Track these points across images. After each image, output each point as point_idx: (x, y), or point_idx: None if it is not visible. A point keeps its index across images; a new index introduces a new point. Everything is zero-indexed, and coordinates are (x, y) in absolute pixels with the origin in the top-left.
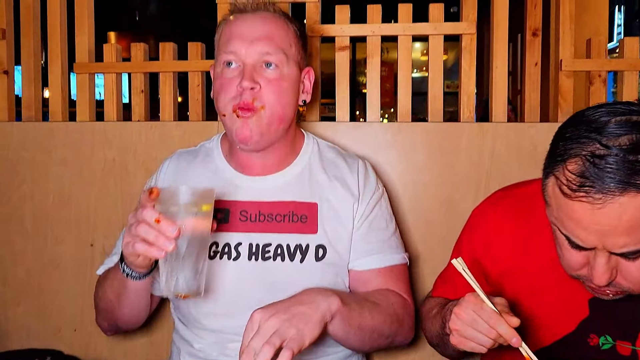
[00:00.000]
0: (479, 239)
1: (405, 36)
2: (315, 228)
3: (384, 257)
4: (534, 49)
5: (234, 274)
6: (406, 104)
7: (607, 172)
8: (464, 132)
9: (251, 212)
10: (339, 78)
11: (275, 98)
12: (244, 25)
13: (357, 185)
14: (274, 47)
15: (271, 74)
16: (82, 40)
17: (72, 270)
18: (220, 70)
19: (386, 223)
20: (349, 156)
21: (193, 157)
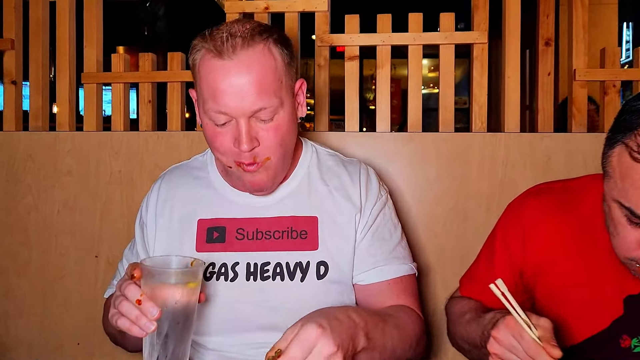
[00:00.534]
0: (516, 232)
1: (416, 46)
2: (315, 244)
3: (390, 268)
4: (547, 58)
5: (232, 296)
6: (417, 114)
7: None
8: (476, 142)
9: (248, 230)
10: (349, 88)
11: (279, 145)
12: (228, 78)
13: (359, 195)
14: (267, 98)
15: (269, 126)
16: (90, 51)
17: (76, 283)
18: (210, 124)
19: (390, 233)
20: (350, 163)
21: (185, 172)
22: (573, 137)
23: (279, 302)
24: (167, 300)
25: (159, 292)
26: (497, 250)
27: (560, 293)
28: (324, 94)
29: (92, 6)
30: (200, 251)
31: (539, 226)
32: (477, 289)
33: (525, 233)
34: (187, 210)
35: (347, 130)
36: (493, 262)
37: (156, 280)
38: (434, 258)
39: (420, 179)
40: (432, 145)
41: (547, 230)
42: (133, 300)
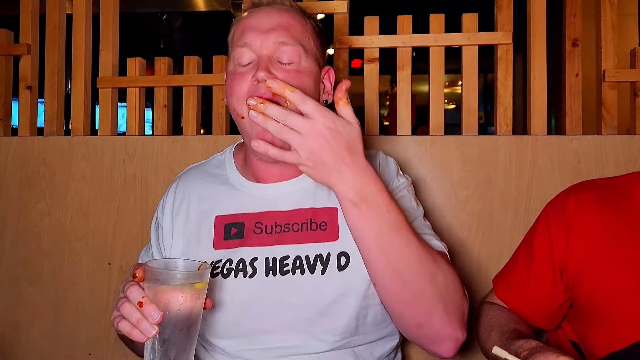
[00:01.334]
0: (559, 228)
1: (438, 47)
2: (336, 235)
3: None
4: (574, 59)
5: (251, 292)
6: (439, 117)
7: None
8: (501, 145)
9: (266, 224)
10: (368, 90)
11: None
12: (258, 17)
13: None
14: (291, 37)
15: (289, 68)
16: (106, 55)
17: (89, 291)
18: (232, 68)
19: (408, 211)
20: (368, 154)
21: (203, 170)
22: (603, 140)
23: (299, 296)
24: (170, 304)
25: (161, 295)
26: (536, 248)
27: (606, 292)
28: None
29: (108, 11)
30: (218, 248)
31: (585, 221)
32: (512, 290)
33: (570, 228)
34: (204, 208)
35: (367, 134)
36: (531, 260)
37: (159, 283)
38: (459, 264)
39: (444, 183)
40: (455, 148)
41: (594, 226)
42: (135, 302)
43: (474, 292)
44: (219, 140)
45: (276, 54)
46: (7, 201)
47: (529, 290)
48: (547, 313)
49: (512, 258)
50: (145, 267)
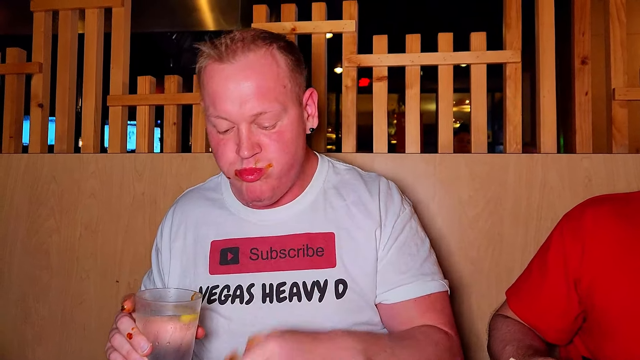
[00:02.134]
0: (574, 240)
1: (446, 66)
2: (333, 261)
3: (418, 286)
4: (584, 77)
5: (248, 319)
6: (448, 135)
7: None
8: (510, 163)
9: (262, 249)
10: (377, 109)
11: (282, 153)
12: (227, 82)
13: (378, 209)
14: (267, 103)
15: (271, 133)
16: (116, 74)
17: (96, 308)
18: (212, 127)
19: (417, 247)
20: (369, 177)
21: (200, 194)
22: (614, 158)
23: (297, 324)
24: (160, 335)
25: (151, 326)
26: (551, 260)
27: (620, 306)
28: (351, 115)
29: (119, 31)
30: (214, 274)
31: (601, 234)
32: (525, 302)
33: (586, 241)
34: (201, 233)
35: (375, 152)
36: (545, 272)
37: (149, 313)
38: (468, 283)
39: (453, 202)
40: (464, 166)
41: (609, 239)
42: (125, 334)
43: (483, 311)
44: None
45: (254, 124)
46: (17, 218)
47: (542, 302)
48: (561, 326)
49: (525, 271)
50: (136, 298)
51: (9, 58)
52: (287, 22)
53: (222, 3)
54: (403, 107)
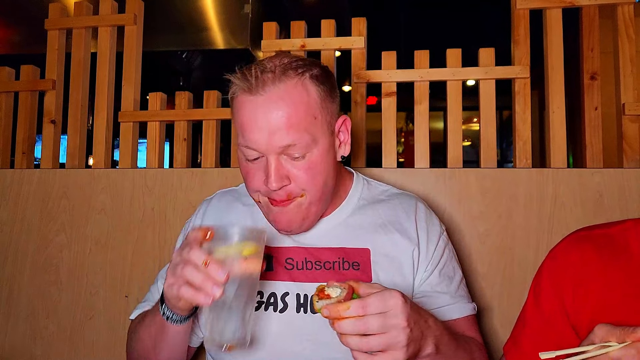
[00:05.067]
0: (565, 283)
1: (455, 81)
2: (369, 276)
3: (458, 307)
4: (593, 92)
5: (281, 327)
6: (457, 150)
7: None
8: (521, 178)
9: (297, 259)
10: (386, 124)
11: (311, 185)
12: (255, 113)
13: (415, 229)
14: (297, 134)
15: (300, 164)
16: (128, 90)
17: (105, 323)
18: (241, 154)
19: (454, 270)
20: (405, 195)
21: (234, 198)
22: (625, 173)
23: (330, 336)
24: (234, 264)
25: (224, 256)
26: (545, 305)
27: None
28: (360, 130)
29: (131, 48)
30: None
31: (589, 276)
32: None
33: (576, 285)
34: None
35: (384, 167)
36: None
37: (222, 243)
38: (480, 300)
39: (464, 217)
40: (474, 181)
41: (598, 280)
42: (199, 263)
43: (494, 328)
44: (238, 173)
45: (283, 154)
46: (28, 233)
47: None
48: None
49: (518, 321)
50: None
51: (23, 75)
52: (297, 39)
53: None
54: (411, 125)
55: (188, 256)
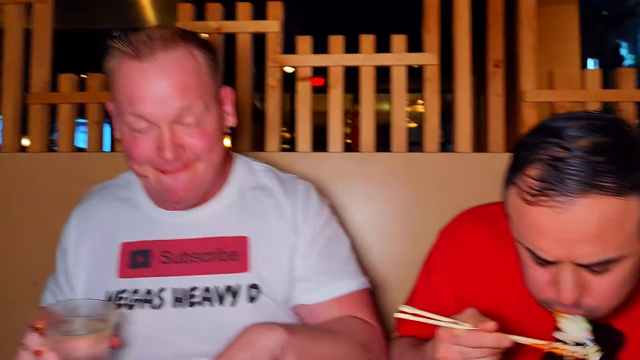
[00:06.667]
0: (453, 259)
1: (368, 67)
2: (246, 266)
3: (340, 285)
4: (496, 80)
5: (159, 324)
6: (369, 134)
7: (568, 174)
8: (428, 162)
9: (175, 253)
10: (301, 108)
11: (206, 151)
12: (147, 81)
13: (295, 213)
14: (190, 100)
15: (194, 131)
16: (38, 72)
17: (10, 311)
18: (127, 128)
19: (337, 249)
20: (288, 179)
21: (109, 192)
22: None
23: (209, 329)
24: (72, 353)
25: (62, 344)
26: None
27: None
28: (275, 115)
29: (42, 27)
30: (124, 277)
31: (476, 252)
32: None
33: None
34: (110, 234)
35: (299, 151)
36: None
37: (60, 333)
38: (389, 280)
39: (374, 200)
40: (384, 165)
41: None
42: (32, 351)
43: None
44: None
45: (176, 122)
46: None
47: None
48: None
49: (410, 294)
50: (47, 314)
51: None
52: (212, 22)
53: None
54: (357, 106)
55: (25, 340)
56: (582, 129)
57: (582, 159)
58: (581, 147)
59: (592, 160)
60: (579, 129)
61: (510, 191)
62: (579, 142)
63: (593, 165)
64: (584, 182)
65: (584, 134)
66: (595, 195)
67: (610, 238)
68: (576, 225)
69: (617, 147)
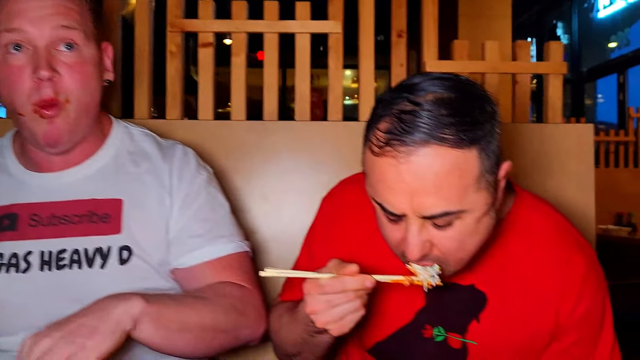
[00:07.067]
0: (331, 223)
1: (272, 34)
2: (118, 228)
3: (215, 247)
4: (400, 50)
5: (26, 289)
6: (273, 103)
7: (413, 125)
8: (331, 131)
9: (43, 215)
10: (202, 75)
11: (80, 87)
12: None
13: (170, 176)
14: (70, 20)
15: (71, 57)
16: None
17: None
18: (1, 56)
19: (214, 212)
20: (166, 145)
21: None
22: None
23: (78, 292)
24: None
25: None
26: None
27: None
28: (176, 82)
29: None
30: None
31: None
32: (294, 290)
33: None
34: None
35: (200, 119)
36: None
37: None
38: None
39: (275, 168)
40: (287, 134)
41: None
42: None
43: None
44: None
45: (56, 41)
46: None
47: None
48: None
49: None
50: None
51: None
52: None
53: None
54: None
55: None
56: (431, 86)
57: (427, 111)
58: (427, 101)
59: (435, 113)
60: (429, 85)
61: (365, 148)
62: (426, 97)
63: (436, 118)
64: (426, 133)
65: (432, 90)
66: (435, 146)
67: (449, 190)
68: (417, 175)
69: (461, 102)
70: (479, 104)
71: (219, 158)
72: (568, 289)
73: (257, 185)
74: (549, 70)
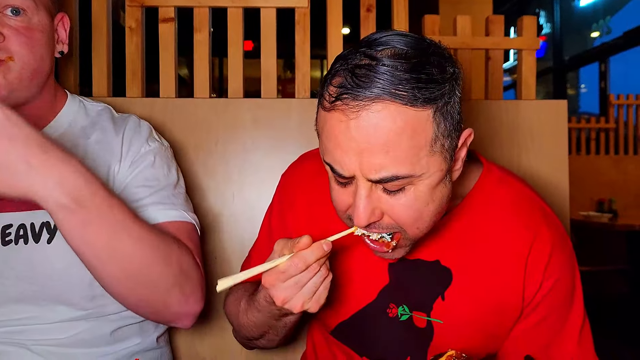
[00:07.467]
0: (287, 199)
1: (236, 8)
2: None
3: (158, 212)
4: (368, 25)
5: None
6: (237, 80)
7: (367, 79)
8: (295, 108)
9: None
10: (164, 52)
11: (26, 50)
12: None
13: (120, 145)
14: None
15: (18, 22)
16: None
17: None
18: None
19: (158, 180)
20: (120, 117)
21: None
22: None
23: (24, 268)
24: None
25: None
26: (275, 218)
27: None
28: (136, 58)
29: None
30: None
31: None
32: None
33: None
34: None
35: (162, 97)
36: (272, 238)
37: None
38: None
39: (238, 146)
40: (249, 111)
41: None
42: None
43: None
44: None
45: (2, 6)
46: None
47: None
48: None
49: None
50: None
51: None
52: None
53: None
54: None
55: None
56: (391, 41)
57: (383, 66)
58: (384, 56)
59: (390, 68)
60: (389, 40)
61: (318, 105)
62: (384, 52)
63: (391, 73)
64: (379, 88)
65: (391, 45)
66: (388, 103)
67: (399, 151)
68: (367, 131)
69: (419, 59)
70: (438, 63)
71: (180, 136)
72: (535, 264)
73: (220, 164)
74: (522, 45)
